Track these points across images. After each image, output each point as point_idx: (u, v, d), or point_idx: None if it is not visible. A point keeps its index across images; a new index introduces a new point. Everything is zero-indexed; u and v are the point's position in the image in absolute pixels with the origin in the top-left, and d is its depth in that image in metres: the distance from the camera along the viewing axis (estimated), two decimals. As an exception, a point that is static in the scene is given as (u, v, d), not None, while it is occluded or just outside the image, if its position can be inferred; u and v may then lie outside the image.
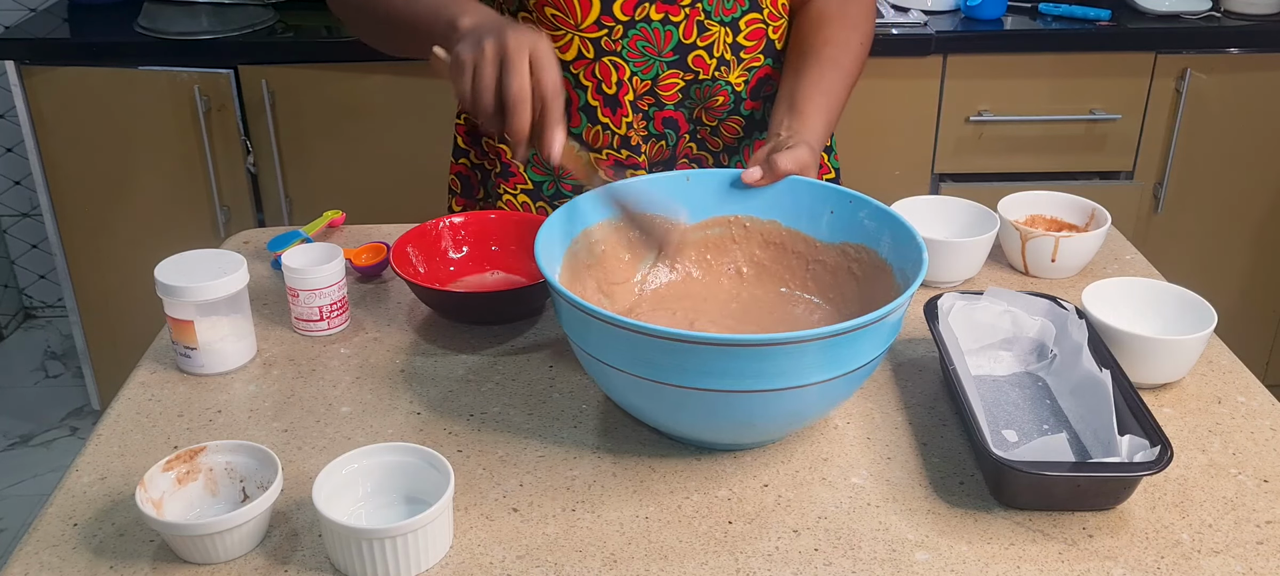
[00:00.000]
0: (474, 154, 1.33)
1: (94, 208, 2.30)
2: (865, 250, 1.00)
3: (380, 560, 0.76)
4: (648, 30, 1.15)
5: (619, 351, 0.83)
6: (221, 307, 1.01)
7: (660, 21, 1.15)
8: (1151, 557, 0.81)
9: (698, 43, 1.17)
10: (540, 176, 1.26)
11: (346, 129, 2.26)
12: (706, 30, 1.17)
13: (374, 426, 0.96)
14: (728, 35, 1.18)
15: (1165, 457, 0.82)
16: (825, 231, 1.03)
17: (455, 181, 1.37)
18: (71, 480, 0.89)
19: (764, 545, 0.82)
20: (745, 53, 1.21)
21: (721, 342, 0.80)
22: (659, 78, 1.18)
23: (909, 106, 2.29)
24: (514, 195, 1.27)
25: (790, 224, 1.05)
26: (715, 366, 0.80)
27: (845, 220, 1.02)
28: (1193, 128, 2.33)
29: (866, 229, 1.00)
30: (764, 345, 0.79)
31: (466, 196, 1.35)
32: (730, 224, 1.06)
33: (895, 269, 0.96)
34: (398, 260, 1.11)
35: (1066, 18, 2.32)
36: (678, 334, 0.79)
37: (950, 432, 0.95)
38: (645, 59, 1.17)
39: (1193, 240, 2.45)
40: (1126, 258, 1.27)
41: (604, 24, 1.15)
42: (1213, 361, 1.05)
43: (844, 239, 1.02)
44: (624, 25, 1.15)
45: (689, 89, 1.20)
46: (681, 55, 1.17)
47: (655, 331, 0.80)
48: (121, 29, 2.25)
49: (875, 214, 1.00)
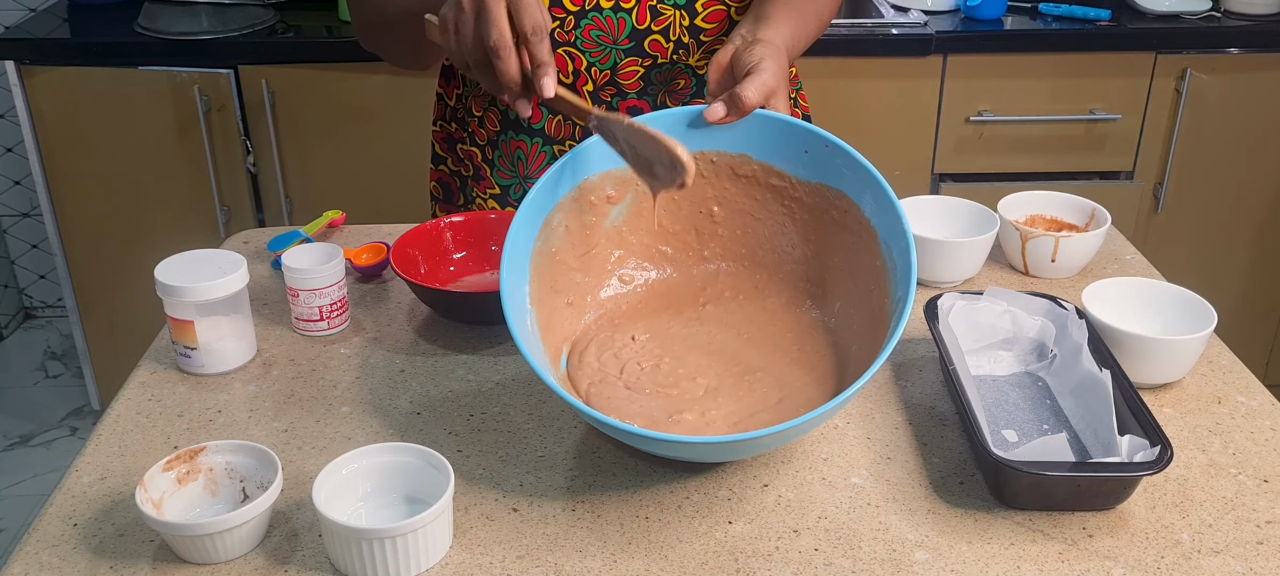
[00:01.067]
0: (451, 161, 1.34)
1: (94, 207, 2.30)
2: (845, 199, 0.94)
3: (380, 560, 0.76)
4: (599, 19, 1.14)
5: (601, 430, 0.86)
6: (221, 308, 1.01)
7: (611, 9, 1.14)
8: (1152, 557, 0.81)
9: (652, 27, 1.15)
10: (506, 179, 1.26)
11: (346, 129, 2.26)
12: (660, 14, 1.15)
13: (374, 426, 0.96)
14: (684, 18, 1.16)
15: (1165, 457, 0.82)
16: (801, 169, 0.97)
17: (436, 188, 1.37)
18: (71, 480, 0.89)
19: (764, 545, 0.82)
20: (706, 35, 1.18)
21: (706, 444, 0.82)
22: (618, 66, 1.17)
23: (909, 106, 2.28)
24: (484, 199, 1.27)
25: (763, 158, 0.98)
26: (698, 453, 0.84)
27: (821, 163, 0.95)
28: (1193, 128, 2.33)
29: (846, 178, 0.94)
30: (751, 442, 0.81)
31: (448, 202, 1.36)
32: (696, 160, 0.95)
33: (882, 240, 0.92)
34: (398, 260, 1.11)
35: (1067, 18, 2.32)
36: (675, 440, 0.82)
37: (950, 433, 0.95)
38: (601, 48, 1.16)
39: (1193, 240, 2.45)
40: (1126, 258, 1.27)
41: (555, 15, 1.13)
42: (1213, 361, 1.05)
43: (820, 180, 0.96)
44: (575, 15, 1.14)
45: (649, 74, 1.18)
46: (637, 41, 1.16)
47: (653, 437, 0.80)
48: (121, 29, 2.25)
49: (853, 166, 0.93)
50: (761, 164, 0.98)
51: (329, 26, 2.26)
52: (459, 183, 1.33)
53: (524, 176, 1.25)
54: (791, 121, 0.95)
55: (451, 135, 1.33)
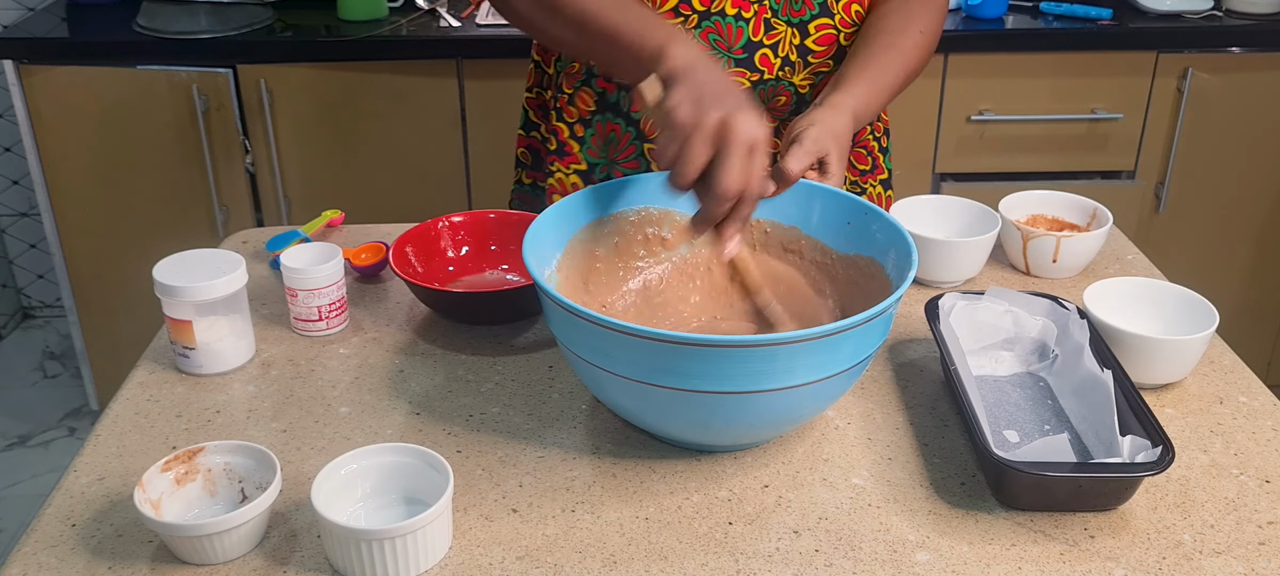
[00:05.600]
0: (544, 127, 1.32)
1: (92, 207, 2.30)
2: (874, 265, 0.98)
3: (379, 561, 0.76)
4: (721, 23, 1.14)
5: (607, 353, 0.83)
6: (220, 307, 1.01)
7: (733, 16, 1.14)
8: (1153, 558, 0.80)
9: (764, 40, 1.16)
10: (595, 158, 1.25)
11: (345, 129, 2.26)
12: (773, 28, 1.16)
13: (373, 426, 0.95)
14: (795, 37, 1.17)
15: (1167, 458, 0.82)
16: (843, 242, 1.01)
17: (525, 154, 1.37)
18: (70, 481, 0.88)
19: (764, 546, 0.81)
20: (813, 57, 1.18)
21: (708, 343, 0.79)
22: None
23: (910, 106, 2.28)
24: (566, 174, 1.26)
25: (811, 232, 1.03)
26: (701, 368, 0.80)
27: (859, 232, 1.00)
28: (1194, 127, 2.33)
29: (877, 243, 0.98)
30: (751, 346, 0.79)
31: (535, 169, 1.35)
32: (751, 228, 1.04)
33: (893, 280, 0.95)
34: (397, 260, 1.11)
35: (1068, 17, 2.32)
36: (664, 335, 0.79)
37: (951, 433, 0.95)
38: (715, 53, 1.15)
39: (1194, 240, 2.45)
40: (1128, 257, 1.27)
41: (681, 12, 1.13)
42: (1214, 361, 1.05)
43: (857, 251, 1.00)
44: (700, 15, 1.14)
45: (753, 89, 1.18)
46: (749, 53, 1.16)
47: (644, 332, 0.79)
48: (120, 28, 2.25)
49: (887, 229, 0.97)
50: (809, 239, 1.03)
51: (328, 26, 2.26)
52: (546, 151, 1.32)
53: (613, 159, 1.24)
54: (838, 194, 1.01)
55: (546, 103, 1.31)
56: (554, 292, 0.84)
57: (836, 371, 0.83)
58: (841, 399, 0.99)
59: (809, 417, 0.91)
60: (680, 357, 0.79)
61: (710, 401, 0.82)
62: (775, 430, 0.90)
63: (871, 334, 0.84)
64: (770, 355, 0.79)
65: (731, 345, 0.80)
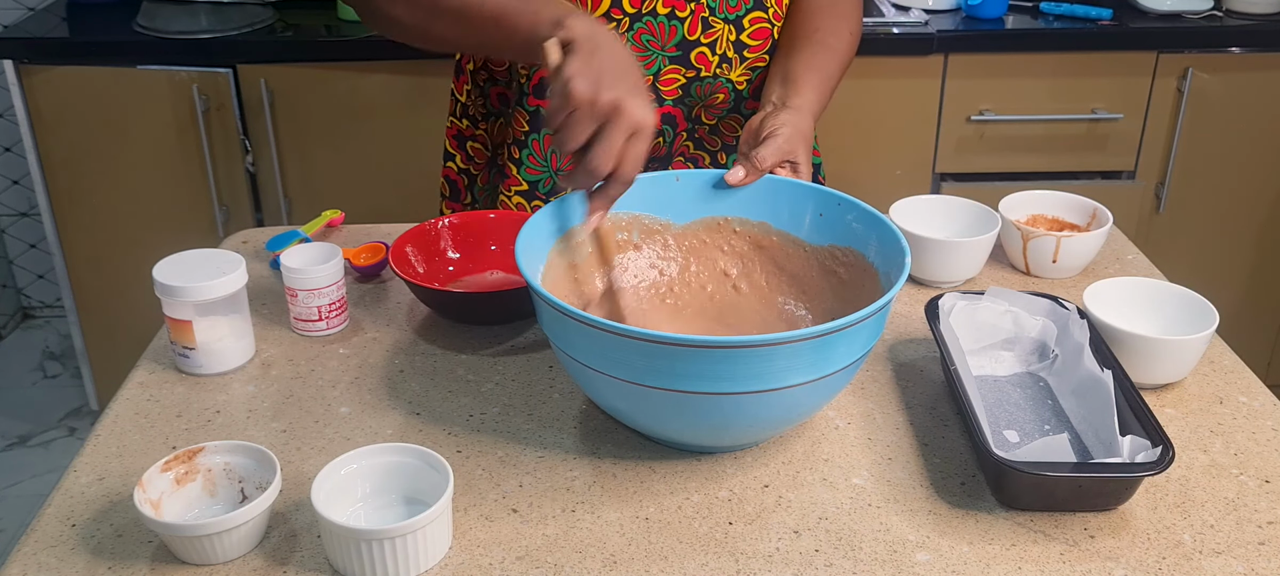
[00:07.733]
0: (460, 158, 1.34)
1: (92, 207, 2.30)
2: (852, 253, 0.99)
3: (379, 561, 0.76)
4: (653, 24, 1.15)
5: (599, 354, 0.83)
6: (220, 307, 1.01)
7: (666, 16, 1.15)
8: (1153, 558, 0.80)
9: (701, 39, 1.17)
10: (535, 175, 1.25)
11: (345, 129, 2.26)
12: (710, 27, 1.17)
13: (373, 427, 0.95)
14: (732, 33, 1.18)
15: (1167, 458, 0.82)
16: (813, 233, 1.02)
17: (445, 185, 1.38)
18: (70, 481, 0.88)
19: (764, 546, 0.81)
20: (749, 51, 1.20)
21: (698, 344, 0.79)
22: (660, 73, 1.18)
23: (910, 106, 2.28)
24: (509, 196, 1.27)
25: (781, 226, 1.04)
26: (693, 369, 0.79)
27: (833, 222, 1.01)
28: (1194, 127, 2.33)
29: (854, 232, 0.99)
30: (742, 347, 0.79)
31: (454, 199, 1.37)
32: (720, 225, 1.05)
33: (881, 272, 0.95)
34: (397, 260, 1.11)
35: (1068, 17, 2.32)
36: (655, 336, 0.79)
37: (951, 433, 0.95)
38: (648, 53, 1.16)
39: (1194, 240, 2.45)
40: (1128, 257, 1.27)
41: (613, 16, 1.14)
42: (1214, 361, 1.05)
43: (831, 242, 1.01)
44: (631, 17, 1.14)
45: (689, 86, 1.19)
46: (685, 51, 1.17)
47: (634, 333, 0.79)
48: (120, 28, 2.24)
49: (863, 217, 0.98)
50: (779, 232, 1.04)
51: (328, 25, 2.26)
52: (467, 181, 1.34)
53: (556, 170, 1.25)
54: (806, 186, 1.02)
55: (462, 132, 1.32)
56: (547, 293, 0.84)
57: (830, 372, 0.83)
58: (841, 399, 0.99)
59: (804, 418, 0.91)
60: (666, 358, 0.79)
61: (701, 403, 0.82)
62: (771, 430, 0.90)
63: (865, 333, 0.84)
64: (768, 355, 0.79)
65: (726, 346, 0.80)
